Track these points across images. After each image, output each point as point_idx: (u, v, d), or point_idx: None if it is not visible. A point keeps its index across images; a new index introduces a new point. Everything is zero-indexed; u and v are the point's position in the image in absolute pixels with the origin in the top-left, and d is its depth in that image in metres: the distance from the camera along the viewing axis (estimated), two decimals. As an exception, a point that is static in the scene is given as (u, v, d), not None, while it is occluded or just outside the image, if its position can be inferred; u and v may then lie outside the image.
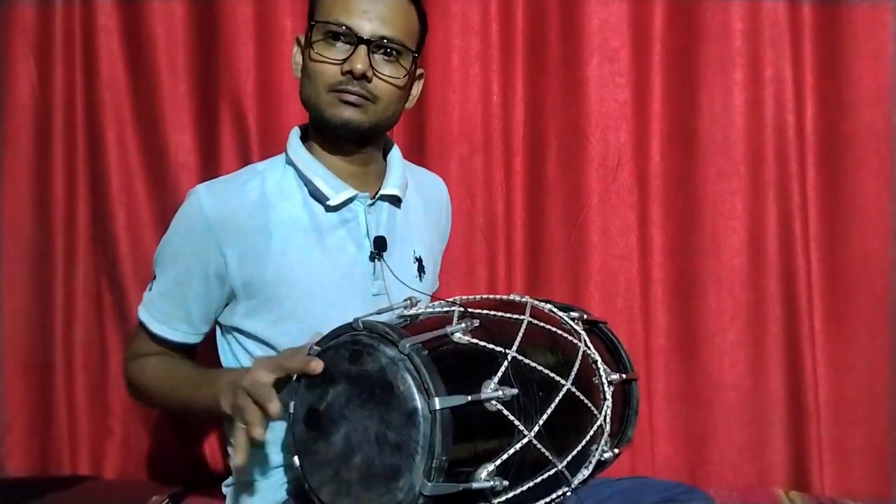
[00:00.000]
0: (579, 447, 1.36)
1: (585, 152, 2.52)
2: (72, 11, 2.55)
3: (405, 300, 1.47)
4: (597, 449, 1.43)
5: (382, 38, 1.60)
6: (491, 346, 1.29)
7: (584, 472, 1.41)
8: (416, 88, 1.77)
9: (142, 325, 1.71)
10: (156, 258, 1.71)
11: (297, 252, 1.64)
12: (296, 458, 1.33)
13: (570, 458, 1.34)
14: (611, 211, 2.52)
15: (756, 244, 2.51)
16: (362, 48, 1.58)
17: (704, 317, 2.53)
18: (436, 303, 1.46)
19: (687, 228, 2.54)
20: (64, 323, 2.58)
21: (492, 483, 1.21)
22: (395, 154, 1.82)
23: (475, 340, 1.28)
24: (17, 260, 2.58)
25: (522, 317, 1.40)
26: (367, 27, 1.59)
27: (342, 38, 1.60)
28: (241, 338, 1.69)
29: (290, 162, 1.71)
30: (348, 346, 1.27)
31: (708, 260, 2.53)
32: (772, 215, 2.49)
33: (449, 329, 1.27)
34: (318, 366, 1.27)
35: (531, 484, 1.28)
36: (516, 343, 1.31)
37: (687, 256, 2.54)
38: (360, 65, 1.57)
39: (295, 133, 1.76)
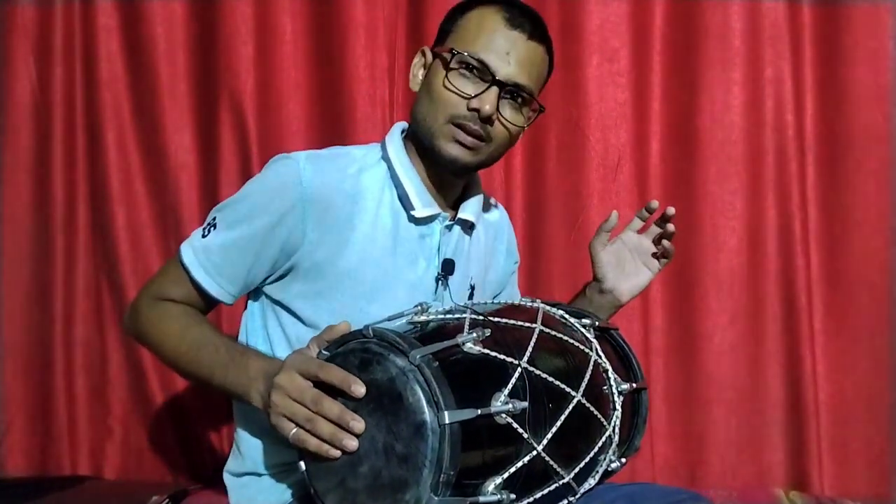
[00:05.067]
0: (587, 458, 1.36)
1: (585, 152, 2.53)
2: (72, 11, 2.56)
3: (416, 305, 1.45)
4: (604, 459, 1.42)
5: (516, 84, 1.59)
6: (502, 356, 1.28)
7: (591, 482, 1.40)
8: (521, 133, 1.72)
9: (182, 267, 1.60)
10: (224, 207, 1.62)
11: (373, 252, 1.61)
12: (302, 463, 1.32)
13: (577, 469, 1.33)
14: (611, 211, 2.52)
15: (756, 244, 2.52)
16: (494, 89, 1.57)
17: (704, 317, 2.54)
18: (447, 308, 1.45)
19: (687, 228, 2.53)
20: (64, 323, 2.58)
21: (499, 497, 1.20)
22: (477, 181, 1.81)
23: (486, 350, 1.27)
24: (17, 260, 2.59)
25: (534, 325, 1.39)
26: (504, 70, 1.57)
27: (477, 72, 1.58)
28: (283, 314, 1.65)
29: (385, 158, 1.69)
30: (358, 354, 1.26)
31: (707, 260, 2.54)
32: (771, 215, 2.51)
33: (460, 339, 1.26)
34: (359, 389, 1.22)
35: (538, 496, 1.28)
36: (527, 353, 1.30)
37: (687, 256, 2.54)
38: (488, 106, 1.55)
39: (397, 130, 1.74)
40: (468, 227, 1.76)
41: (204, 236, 1.61)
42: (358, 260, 1.59)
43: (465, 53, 1.57)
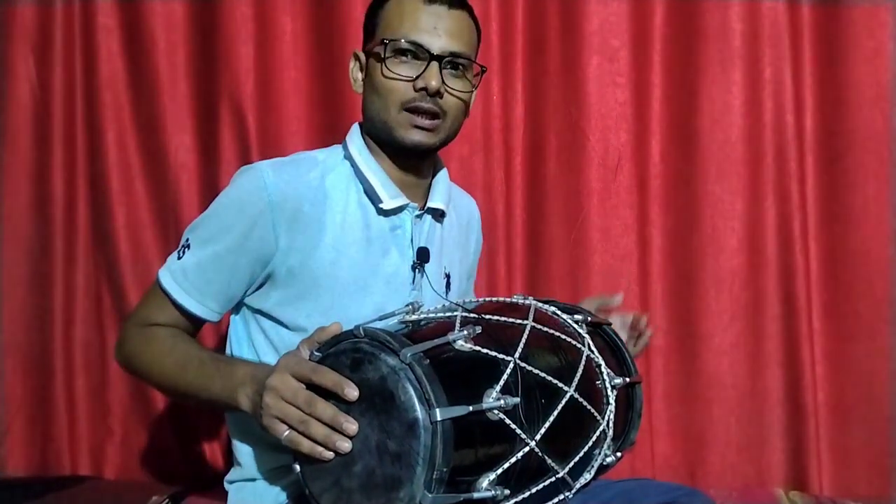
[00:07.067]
0: (582, 453, 1.36)
1: (585, 152, 2.53)
2: (71, 11, 2.56)
3: (407, 305, 1.45)
4: (599, 453, 1.42)
5: (452, 53, 1.62)
6: (493, 353, 1.28)
7: (586, 477, 1.40)
8: (472, 99, 1.76)
9: (163, 292, 1.62)
10: (196, 226, 1.64)
11: (347, 250, 1.63)
12: (296, 464, 1.32)
13: (572, 463, 1.33)
14: (611, 211, 2.53)
15: (755, 244, 2.52)
16: (434, 64, 1.60)
17: (704, 317, 2.54)
18: (438, 307, 1.45)
19: (687, 228, 2.55)
20: (64, 323, 2.59)
21: (493, 493, 1.20)
22: (444, 173, 1.83)
23: (477, 347, 1.27)
24: (17, 260, 2.59)
25: (525, 321, 1.39)
26: (437, 43, 1.60)
27: (411, 54, 1.61)
28: (266, 322, 1.66)
29: (348, 156, 1.71)
30: (349, 354, 1.26)
31: (707, 260, 2.53)
32: (771, 215, 2.51)
33: (451, 336, 1.26)
34: (353, 392, 1.22)
35: (532, 491, 1.28)
36: (519, 349, 1.30)
37: (686, 256, 2.55)
38: (434, 81, 1.58)
39: (356, 129, 1.76)
40: (439, 215, 1.78)
41: (179, 258, 1.62)
42: (332, 259, 1.61)
43: (396, 40, 1.60)
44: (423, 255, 1.69)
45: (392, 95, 1.61)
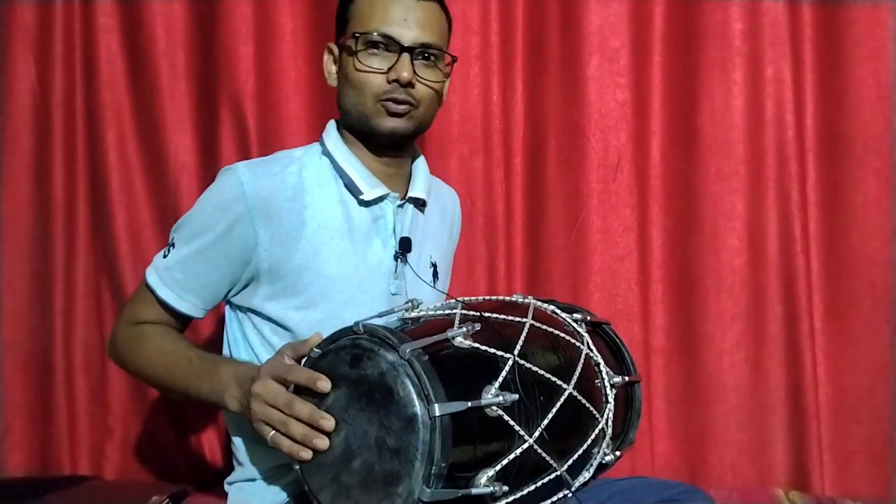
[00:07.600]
0: (580, 451, 1.36)
1: (585, 152, 2.52)
2: (71, 11, 2.55)
3: (406, 302, 1.47)
4: (598, 452, 1.43)
5: (423, 44, 1.66)
6: (492, 350, 1.29)
7: (585, 475, 1.40)
8: (445, 88, 1.79)
9: (149, 289, 1.68)
10: (179, 226, 1.69)
11: (328, 243, 1.66)
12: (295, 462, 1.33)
13: (571, 461, 1.34)
14: (611, 211, 2.52)
15: (756, 244, 2.51)
16: (406, 56, 1.63)
17: (704, 317, 2.52)
18: (437, 305, 1.46)
19: (687, 228, 2.54)
20: (64, 323, 2.58)
21: (491, 489, 1.21)
22: (422, 161, 1.87)
23: (476, 344, 1.28)
24: (17, 260, 2.58)
25: (524, 319, 1.40)
26: (407, 35, 1.64)
27: (383, 46, 1.64)
28: (258, 320, 1.69)
29: (325, 153, 1.74)
30: (349, 350, 1.27)
31: (708, 260, 2.52)
32: (772, 215, 2.49)
33: (450, 333, 1.27)
34: (325, 385, 1.27)
35: (531, 488, 1.28)
36: (518, 347, 1.31)
37: (687, 256, 2.54)
38: (405, 73, 1.62)
39: (332, 125, 1.80)
40: (420, 204, 1.81)
41: (165, 256, 1.68)
42: (313, 253, 1.64)
43: (368, 33, 1.64)
44: (405, 245, 1.72)
45: (366, 88, 1.65)
